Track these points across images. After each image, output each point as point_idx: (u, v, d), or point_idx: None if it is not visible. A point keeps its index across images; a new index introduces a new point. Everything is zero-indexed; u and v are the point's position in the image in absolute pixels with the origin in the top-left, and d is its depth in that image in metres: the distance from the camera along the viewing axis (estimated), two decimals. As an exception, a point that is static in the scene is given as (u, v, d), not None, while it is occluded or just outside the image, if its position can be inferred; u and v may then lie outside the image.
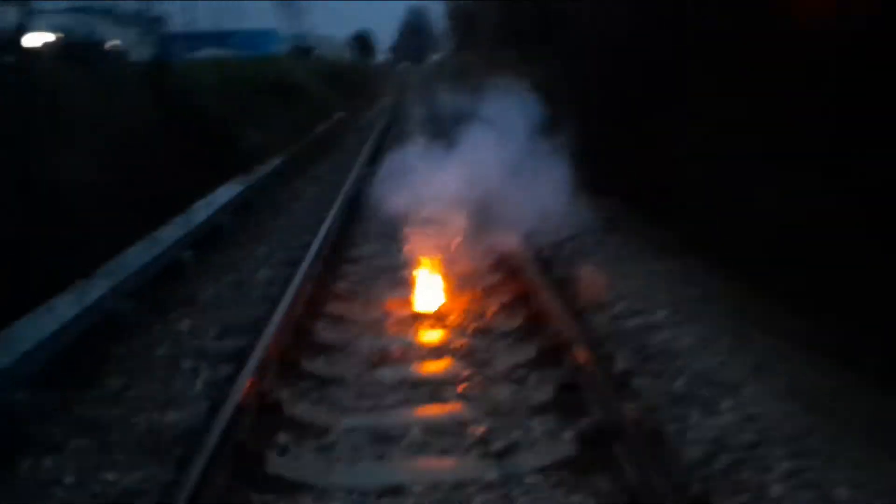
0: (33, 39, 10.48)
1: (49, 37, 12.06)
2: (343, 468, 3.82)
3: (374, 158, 12.10)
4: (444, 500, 3.51)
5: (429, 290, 6.09)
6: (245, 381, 4.25)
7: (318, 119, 19.11)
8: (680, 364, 4.50)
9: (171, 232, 7.48)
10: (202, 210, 8.64)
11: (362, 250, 7.79)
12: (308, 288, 6.01)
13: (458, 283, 6.26)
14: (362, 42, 66.03)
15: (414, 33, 70.19)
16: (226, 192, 9.73)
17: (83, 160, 7.36)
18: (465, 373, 4.71)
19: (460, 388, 4.52)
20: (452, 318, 5.64)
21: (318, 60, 33.95)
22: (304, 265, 6.49)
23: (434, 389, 4.54)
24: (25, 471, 3.85)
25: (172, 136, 9.90)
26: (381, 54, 72.93)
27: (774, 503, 3.28)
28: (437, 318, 5.68)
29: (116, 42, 15.52)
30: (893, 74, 4.55)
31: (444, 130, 10.27)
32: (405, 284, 6.34)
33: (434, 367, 4.87)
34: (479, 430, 4.01)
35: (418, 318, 5.70)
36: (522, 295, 5.76)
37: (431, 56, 60.29)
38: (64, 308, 5.16)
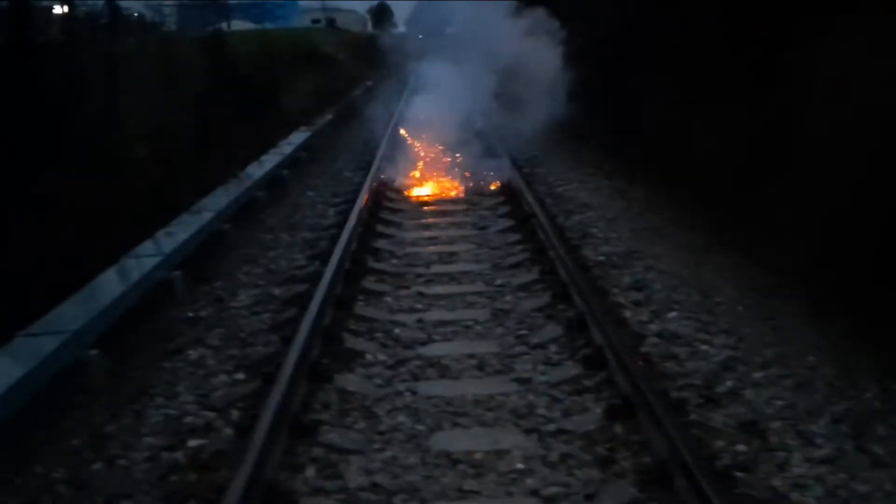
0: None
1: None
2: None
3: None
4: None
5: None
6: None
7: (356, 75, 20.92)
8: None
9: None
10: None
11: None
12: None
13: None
14: (381, 15, 67.19)
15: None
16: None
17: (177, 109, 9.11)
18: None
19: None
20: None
21: (342, 32, 35.46)
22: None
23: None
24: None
25: (235, 95, 11.62)
26: (400, 27, 73.75)
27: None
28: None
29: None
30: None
31: None
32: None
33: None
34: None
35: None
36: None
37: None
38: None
